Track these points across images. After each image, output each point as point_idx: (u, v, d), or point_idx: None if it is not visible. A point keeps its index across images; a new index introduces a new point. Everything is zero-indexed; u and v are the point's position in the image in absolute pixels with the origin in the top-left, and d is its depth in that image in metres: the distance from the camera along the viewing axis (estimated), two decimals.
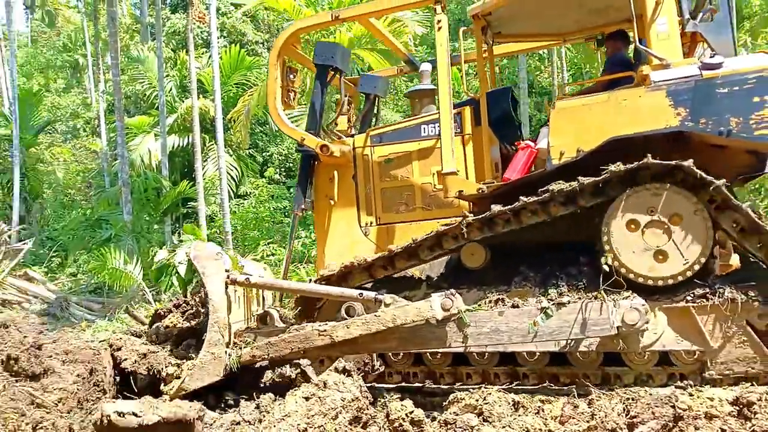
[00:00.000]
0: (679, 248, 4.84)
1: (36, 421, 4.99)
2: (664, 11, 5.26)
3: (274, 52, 6.93)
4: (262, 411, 4.42)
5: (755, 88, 4.80)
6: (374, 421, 4.18)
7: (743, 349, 4.74)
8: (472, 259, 5.59)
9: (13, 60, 22.29)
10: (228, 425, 4.39)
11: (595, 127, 5.22)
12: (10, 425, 4.75)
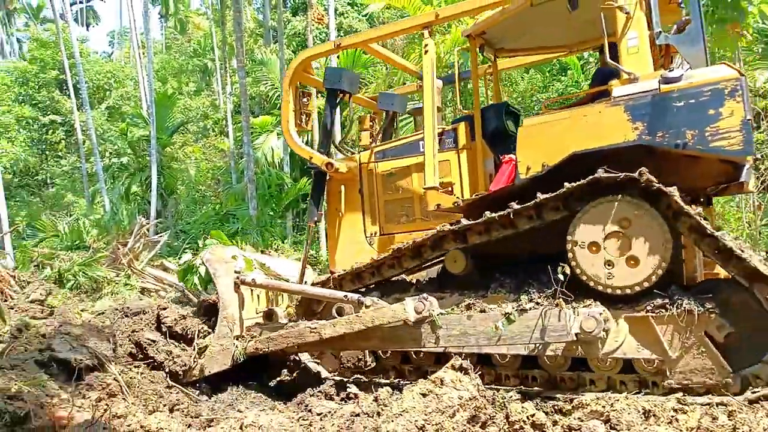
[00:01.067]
0: (637, 258, 4.90)
1: (172, 403, 5.37)
2: (634, 26, 5.33)
3: (286, 79, 7.46)
4: (380, 404, 4.47)
5: (710, 101, 4.79)
6: (493, 421, 4.09)
7: (701, 360, 4.73)
8: (455, 265, 5.84)
9: (150, 66, 24.10)
10: (348, 416, 4.48)
11: (559, 143, 5.32)
12: (150, 406, 5.13)
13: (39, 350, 5.55)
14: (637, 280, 4.89)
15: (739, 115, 4.67)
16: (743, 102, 4.67)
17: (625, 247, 4.97)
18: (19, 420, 3.75)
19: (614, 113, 5.15)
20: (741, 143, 4.65)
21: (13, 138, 27.70)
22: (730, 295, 4.76)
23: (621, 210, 4.95)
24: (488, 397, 4.44)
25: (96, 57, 35.94)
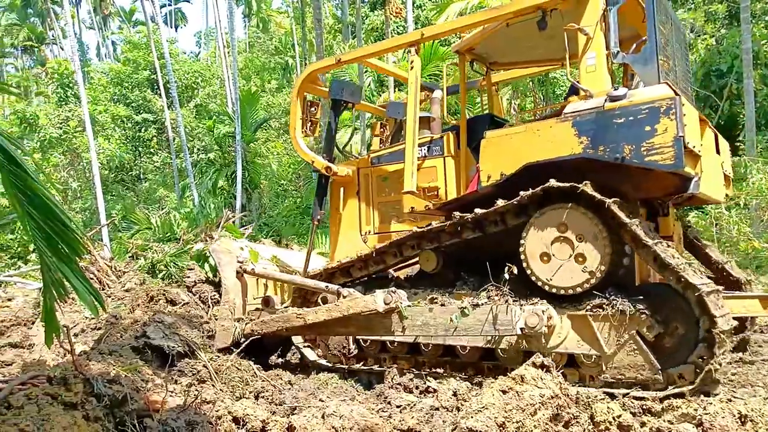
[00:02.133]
0: (580, 261, 5.30)
1: (257, 390, 5.56)
2: (593, 46, 5.72)
3: (294, 90, 8.19)
4: (459, 399, 4.45)
5: (647, 118, 5.12)
6: (577, 421, 3.99)
7: (634, 357, 5.06)
8: (427, 264, 6.39)
9: (234, 65, 24.93)
10: (427, 409, 4.50)
11: (516, 154, 5.79)
12: (237, 392, 5.34)
13: (135, 337, 5.88)
14: (579, 281, 5.28)
15: (672, 132, 5.00)
16: (676, 120, 4.98)
17: (568, 251, 5.39)
18: (117, 403, 3.97)
19: (563, 128, 5.56)
20: (672, 158, 5.00)
21: (109, 136, 29.37)
22: (664, 299, 5.07)
23: (565, 217, 5.40)
24: (571, 395, 4.33)
25: (184, 57, 37.47)
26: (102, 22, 53.02)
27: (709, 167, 5.74)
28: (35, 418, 3.32)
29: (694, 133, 5.26)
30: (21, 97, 35.60)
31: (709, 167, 5.74)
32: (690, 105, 5.46)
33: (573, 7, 5.87)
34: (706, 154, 5.69)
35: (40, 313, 6.95)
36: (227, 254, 6.98)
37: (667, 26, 5.95)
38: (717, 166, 6.22)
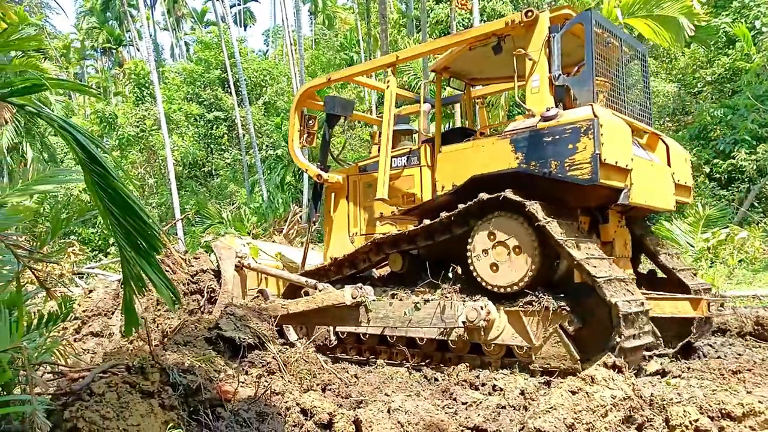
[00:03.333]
0: (514, 263, 5.99)
1: (324, 383, 5.64)
2: (537, 70, 6.36)
3: (292, 105, 9.19)
4: (527, 398, 4.38)
5: (570, 137, 5.72)
6: (651, 424, 3.85)
7: (557, 348, 5.64)
8: (395, 265, 7.24)
9: (301, 62, 25.33)
10: (494, 407, 4.45)
11: (465, 167, 6.58)
12: (305, 384, 5.43)
13: (208, 328, 6.07)
14: (513, 280, 5.97)
15: (590, 150, 5.59)
16: (594, 139, 5.56)
17: (505, 253, 6.07)
18: (191, 392, 4.12)
19: (502, 145, 6.28)
20: (590, 173, 5.59)
21: (183, 133, 30.42)
22: (583, 296, 5.58)
23: (502, 224, 6.11)
24: (645, 397, 4.18)
25: (253, 56, 38.36)
26: (175, 23, 54.94)
27: (649, 179, 6.34)
28: (115, 406, 3.48)
29: (620, 150, 5.80)
30: (101, 98, 37.36)
31: (649, 179, 6.34)
32: (621, 124, 5.99)
33: (522, 34, 6.53)
34: (643, 167, 6.27)
35: (120, 303, 7.30)
36: (227, 250, 7.84)
37: (611, 51, 6.62)
38: (664, 176, 6.82)
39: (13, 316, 3.25)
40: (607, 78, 6.57)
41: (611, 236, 6.75)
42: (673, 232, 14.71)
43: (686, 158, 7.45)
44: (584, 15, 6.39)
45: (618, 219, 6.90)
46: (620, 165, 5.76)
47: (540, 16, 6.43)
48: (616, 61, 6.76)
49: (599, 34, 6.39)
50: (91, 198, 2.97)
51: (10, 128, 19.16)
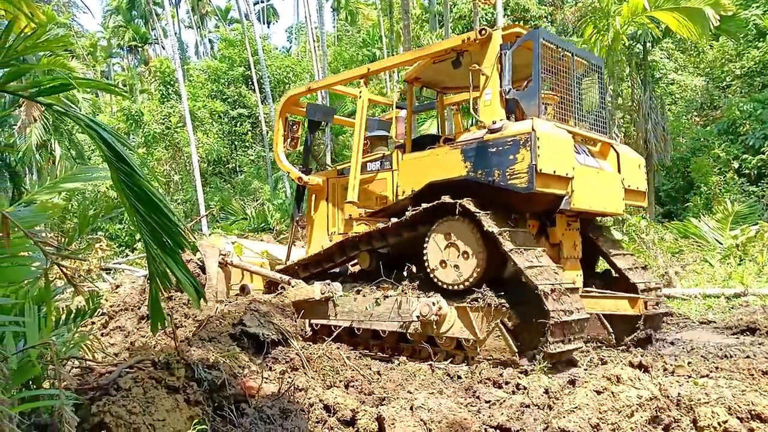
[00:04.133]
0: (463, 263, 6.52)
1: (347, 379, 5.65)
2: (490, 84, 6.84)
3: (276, 112, 9.87)
4: (551, 397, 4.34)
5: (511, 149, 6.22)
6: (678, 425, 3.78)
7: (499, 342, 6.12)
8: (364, 262, 7.80)
9: (324, 58, 25.38)
10: (518, 406, 4.42)
11: (423, 174, 7.12)
12: (328, 381, 5.45)
13: (232, 324, 6.13)
14: (462, 278, 6.50)
15: (527, 161, 6.06)
16: (531, 151, 6.04)
17: (456, 254, 6.58)
18: (216, 388, 4.16)
19: (454, 154, 6.81)
20: (527, 182, 6.07)
21: (207, 130, 30.70)
22: (523, 296, 5.97)
23: (454, 227, 6.63)
24: (672, 397, 4.11)
25: (276, 53, 38.55)
26: (200, 21, 55.43)
27: (594, 185, 6.82)
28: (141, 401, 3.53)
29: (559, 161, 6.28)
30: (126, 96, 37.85)
31: (594, 185, 6.82)
32: (562, 136, 6.41)
33: (477, 50, 7.01)
34: (588, 175, 6.74)
35: (146, 299, 7.40)
36: (211, 248, 8.36)
37: (563, 65, 7.10)
38: (613, 183, 7.28)
39: (42, 311, 3.31)
40: (557, 91, 7.11)
41: (559, 239, 7.31)
42: (701, 229, 14.46)
43: (639, 164, 7.90)
44: (533, 33, 6.89)
45: (566, 222, 7.40)
46: (559, 174, 6.27)
47: (493, 34, 6.92)
48: (568, 74, 7.22)
49: (550, 50, 6.92)
50: (118, 195, 3.00)
51: (39, 126, 19.51)
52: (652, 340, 7.23)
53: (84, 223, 4.33)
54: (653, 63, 20.65)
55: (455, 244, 6.59)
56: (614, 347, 7.08)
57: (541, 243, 7.10)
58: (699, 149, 19.44)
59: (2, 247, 3.13)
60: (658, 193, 19.68)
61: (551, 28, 24.62)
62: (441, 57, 7.54)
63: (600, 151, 7.52)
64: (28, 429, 2.76)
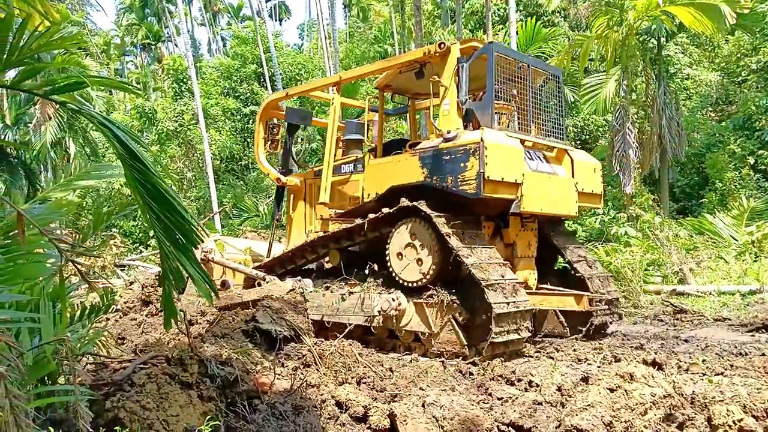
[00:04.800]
0: (420, 262, 6.99)
1: (359, 376, 5.66)
2: (448, 95, 7.28)
3: (257, 115, 10.49)
4: (564, 395, 4.32)
5: (462, 157, 6.69)
6: (692, 423, 3.76)
7: (450, 335, 6.66)
8: (334, 260, 8.29)
9: (336, 55, 25.39)
10: (530, 403, 4.40)
11: (386, 179, 7.60)
12: (340, 377, 5.46)
13: (245, 321, 6.15)
14: (419, 276, 6.95)
15: (475, 169, 6.55)
16: (479, 159, 6.50)
17: (414, 253, 7.05)
18: (228, 384, 4.18)
19: (413, 161, 7.28)
20: (475, 188, 6.54)
21: (220, 128, 30.81)
22: (472, 293, 6.50)
23: (413, 229, 7.11)
24: (686, 395, 4.08)
25: (288, 50, 38.58)
26: (212, 19, 55.59)
27: (545, 189, 7.28)
28: (155, 396, 3.56)
29: (507, 168, 6.74)
30: (140, 93, 38.09)
31: (545, 189, 7.28)
32: (511, 145, 6.88)
33: (438, 62, 7.47)
34: (539, 180, 7.19)
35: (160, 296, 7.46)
36: None
37: (519, 76, 7.58)
38: (566, 187, 7.70)
39: (57, 308, 3.34)
40: (517, 100, 7.63)
41: (512, 239, 7.80)
42: (716, 225, 14.32)
43: (594, 169, 8.32)
44: (487, 47, 7.32)
45: (519, 223, 7.88)
46: (508, 180, 6.74)
47: (451, 48, 7.34)
48: (525, 84, 7.68)
49: (506, 61, 7.40)
50: (132, 193, 3.02)
51: (53, 124, 19.68)
52: (605, 331, 7.97)
53: (98, 221, 4.36)
54: (667, 58, 20.44)
55: (413, 244, 7.06)
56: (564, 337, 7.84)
57: (496, 243, 7.61)
58: (714, 145, 19.23)
59: (18, 245, 3.16)
60: (673, 189, 19.49)
61: (564, 24, 24.45)
62: (406, 67, 8.04)
63: (556, 157, 7.99)
64: (43, 424, 2.79)
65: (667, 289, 11.22)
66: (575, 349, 6.77)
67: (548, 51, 20.82)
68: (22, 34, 2.72)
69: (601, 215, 15.07)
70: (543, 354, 6.65)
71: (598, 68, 21.09)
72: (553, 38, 21.43)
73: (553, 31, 21.74)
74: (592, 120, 22.05)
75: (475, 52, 7.31)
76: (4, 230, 3.51)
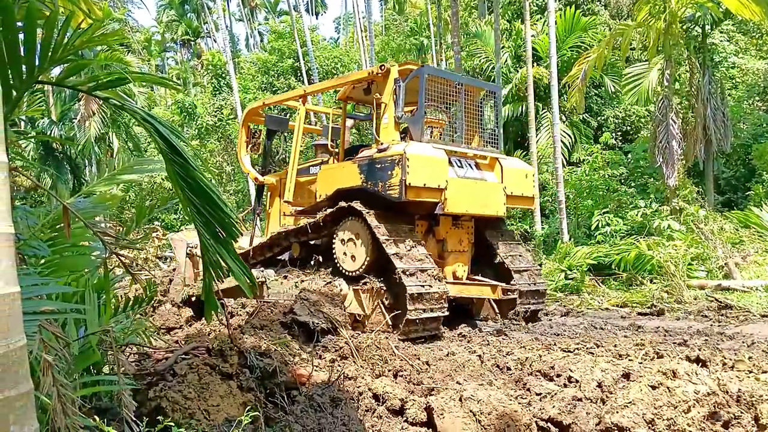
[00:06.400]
0: (357, 254, 8.05)
1: (396, 369, 5.67)
2: (387, 111, 8.32)
3: (241, 122, 11.88)
4: (604, 391, 4.24)
5: (389, 166, 7.72)
6: (738, 422, 3.65)
7: (379, 317, 7.64)
8: (295, 252, 9.34)
9: (372, 48, 25.35)
10: (569, 399, 4.34)
11: (334, 182, 8.64)
12: (377, 370, 5.48)
13: (283, 313, 6.23)
14: (357, 266, 8.02)
15: (399, 177, 7.60)
16: (402, 168, 7.57)
17: (353, 246, 8.13)
18: (267, 375, 4.23)
19: (353, 167, 8.31)
20: (398, 193, 7.62)
21: None
22: (394, 279, 7.40)
23: (351, 226, 8.20)
24: (732, 393, 3.97)
25: (325, 44, 38.72)
26: (249, 14, 56.15)
27: (471, 193, 8.32)
28: (196, 386, 3.63)
29: (429, 176, 7.75)
30: (180, 89, 38.73)
31: (471, 193, 8.32)
32: (433, 156, 7.87)
33: (380, 82, 8.50)
34: (464, 185, 8.22)
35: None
36: (180, 241, 9.37)
37: (452, 96, 8.68)
38: (493, 191, 8.74)
39: (102, 299, 3.42)
40: (444, 116, 8.92)
41: (443, 236, 8.85)
42: (763, 218, 13.88)
43: (526, 174, 9.30)
44: (419, 70, 8.41)
45: (450, 222, 8.89)
46: (430, 186, 7.75)
47: (391, 69, 8.38)
48: (458, 101, 8.77)
49: (439, 81, 8.54)
50: (173, 187, 3.07)
51: (97, 119, 20.18)
52: (535, 318, 9.04)
53: (141, 214, 4.46)
54: (712, 46, 19.83)
55: (353, 239, 8.15)
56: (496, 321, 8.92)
57: (428, 239, 8.75)
58: (761, 135, 18.61)
59: (64, 238, 3.25)
60: (718, 182, 18.96)
61: (604, 13, 23.91)
62: (357, 84, 9.13)
63: (489, 164, 8.99)
64: (89, 412, 2.87)
65: (712, 284, 10.92)
66: (616, 344, 6.64)
67: (588, 40, 20.42)
68: (65, 32, 2.78)
69: (643, 208, 14.75)
70: (583, 349, 6.54)
71: (639, 57, 20.60)
72: (593, 27, 21.01)
73: (593, 20, 21.31)
74: (633, 110, 21.57)
75: (410, 74, 8.33)
76: (50, 223, 3.61)
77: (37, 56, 2.78)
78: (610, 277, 12.22)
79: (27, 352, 1.90)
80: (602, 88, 21.78)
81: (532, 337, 7.68)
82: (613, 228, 14.47)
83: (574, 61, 17.90)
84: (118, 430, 2.74)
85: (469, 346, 6.98)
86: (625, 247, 12.61)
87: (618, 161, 18.48)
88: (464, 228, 9.07)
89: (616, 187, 17.06)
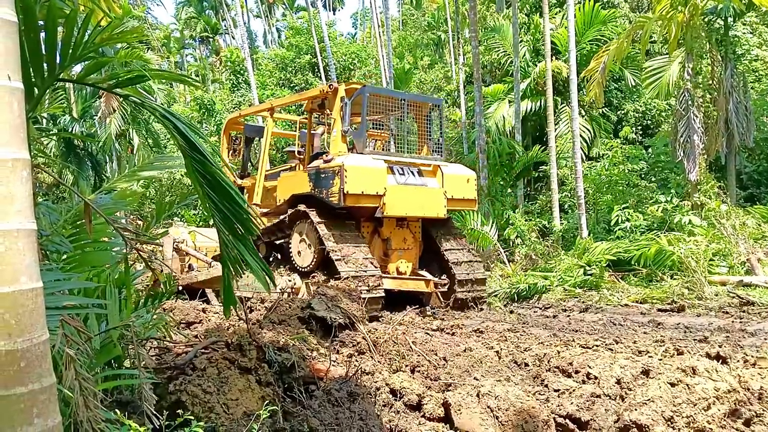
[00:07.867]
0: (307, 252, 9.38)
1: (413, 364, 5.68)
2: (335, 125, 9.60)
3: (222, 130, 13.54)
4: (623, 388, 4.21)
5: (331, 176, 8.91)
6: (760, 419, 3.61)
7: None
8: (261, 251, 9.81)
9: (389, 44, 25.30)
10: (588, 396, 4.32)
11: (290, 188, 9.91)
12: (394, 365, 5.49)
13: (301, 308, 6.26)
14: (308, 263, 9.28)
15: (338, 185, 8.66)
16: (341, 178, 8.62)
17: (305, 245, 9.36)
18: (285, 369, 4.26)
19: (304, 175, 9.54)
20: (338, 200, 8.70)
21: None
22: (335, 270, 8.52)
23: (303, 227, 9.44)
24: (753, 390, 3.92)
25: (342, 39, 38.73)
26: (267, 10, 56.30)
27: (410, 198, 9.41)
28: (215, 380, 3.66)
29: (368, 184, 8.86)
30: (199, 86, 38.99)
31: (410, 198, 9.41)
32: (372, 166, 9.01)
33: (331, 98, 9.78)
34: (403, 191, 9.33)
35: None
36: (167, 237, 10.02)
37: (391, 110, 9.94)
38: (433, 195, 9.78)
39: (123, 294, 3.47)
40: (386, 129, 10.36)
41: (387, 236, 9.97)
42: None
43: (468, 179, 10.31)
44: (362, 89, 9.56)
45: (395, 224, 9.99)
46: (369, 193, 8.86)
47: (339, 88, 9.57)
48: (398, 119, 10.02)
49: (381, 98, 9.77)
50: (192, 183, 3.10)
51: (117, 116, 20.39)
52: (464, 308, 9.90)
53: (161, 210, 4.51)
54: (735, 38, 19.49)
55: (304, 239, 9.36)
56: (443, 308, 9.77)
57: (374, 239, 9.93)
58: None
59: (85, 233, 3.29)
60: (740, 176, 18.67)
61: (624, 5, 23.60)
62: (314, 99, 10.52)
63: (432, 171, 10.05)
64: (110, 406, 2.92)
65: (734, 280, 10.77)
66: (635, 341, 6.58)
67: (608, 34, 20.18)
68: (85, 30, 2.82)
69: (664, 203, 14.57)
70: (602, 345, 6.50)
71: (660, 50, 20.32)
72: (613, 20, 20.77)
73: (613, 13, 21.06)
74: (654, 104, 21.29)
75: (355, 92, 9.44)
76: (72, 220, 3.66)
77: (58, 54, 2.82)
78: (630, 273, 12.09)
79: (50, 346, 1.93)
80: (622, 82, 21.52)
81: (551, 333, 7.63)
82: (633, 223, 14.31)
83: (593, 55, 17.69)
84: (139, 423, 2.78)
85: (486, 342, 6.95)
86: (645, 243, 12.47)
87: (638, 156, 18.27)
88: (410, 228, 10.20)
89: (636, 182, 16.87)
